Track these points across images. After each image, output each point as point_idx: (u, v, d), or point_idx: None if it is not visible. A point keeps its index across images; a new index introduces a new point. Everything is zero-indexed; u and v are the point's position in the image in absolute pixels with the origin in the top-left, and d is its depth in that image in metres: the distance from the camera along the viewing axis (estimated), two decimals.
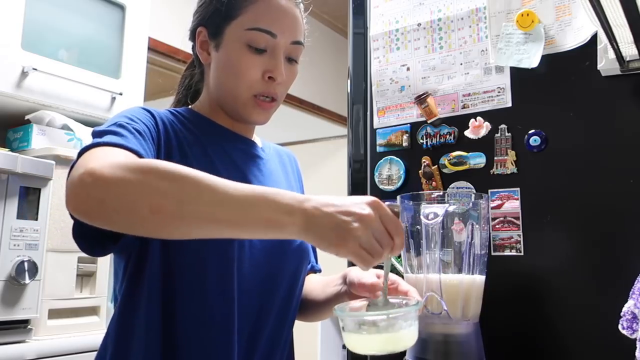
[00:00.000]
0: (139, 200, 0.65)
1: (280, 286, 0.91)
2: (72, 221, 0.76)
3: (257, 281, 0.87)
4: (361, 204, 0.67)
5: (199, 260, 0.83)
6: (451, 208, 0.94)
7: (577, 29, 1.07)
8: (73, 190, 0.68)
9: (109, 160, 0.69)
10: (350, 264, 1.09)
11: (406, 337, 0.76)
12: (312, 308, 1.01)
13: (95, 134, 0.78)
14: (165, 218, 0.65)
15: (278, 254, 0.90)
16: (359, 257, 0.66)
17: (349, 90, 1.37)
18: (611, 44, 0.91)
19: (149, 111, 0.86)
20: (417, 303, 0.79)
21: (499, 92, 1.15)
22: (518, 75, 1.12)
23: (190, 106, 0.98)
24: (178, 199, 0.65)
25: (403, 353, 0.97)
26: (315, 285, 1.03)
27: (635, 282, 0.86)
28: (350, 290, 0.91)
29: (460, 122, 1.18)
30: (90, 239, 0.79)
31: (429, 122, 1.21)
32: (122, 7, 1.74)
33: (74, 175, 0.69)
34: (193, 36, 0.96)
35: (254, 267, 0.87)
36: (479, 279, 0.96)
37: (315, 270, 1.08)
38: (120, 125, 0.78)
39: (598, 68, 1.03)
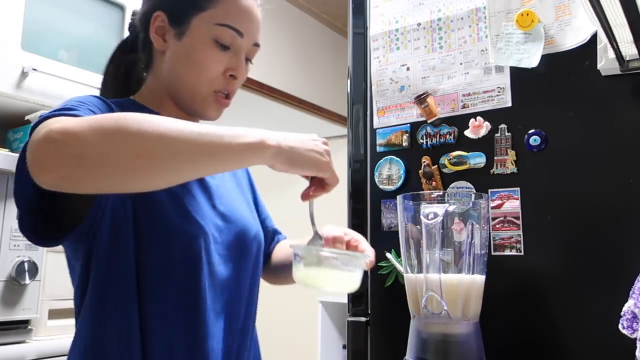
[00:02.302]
0: (125, 148, 0.62)
1: (246, 275, 0.93)
2: None
3: (224, 275, 0.88)
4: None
5: (165, 257, 0.82)
6: (451, 208, 0.94)
7: (577, 29, 1.07)
8: (40, 152, 0.60)
9: (70, 120, 0.63)
10: None
11: (341, 279, 0.82)
12: (286, 269, 1.01)
13: (43, 116, 0.69)
14: (154, 160, 0.64)
15: (240, 245, 0.93)
16: (329, 169, 0.78)
17: (348, 90, 1.37)
18: (611, 43, 0.91)
19: (102, 100, 0.83)
20: (363, 254, 0.88)
21: (498, 91, 1.15)
22: (518, 75, 1.12)
23: (131, 97, 0.94)
24: (159, 139, 0.64)
25: (403, 352, 0.97)
26: (287, 248, 1.07)
27: (635, 282, 0.86)
28: None
29: (460, 121, 1.18)
30: (40, 229, 0.74)
31: (429, 122, 1.21)
32: (122, 7, 1.74)
33: (34, 141, 0.61)
34: (145, 19, 0.91)
35: (220, 261, 0.88)
36: (479, 278, 0.96)
37: (280, 240, 1.15)
38: (70, 108, 0.71)
39: (598, 68, 1.03)
